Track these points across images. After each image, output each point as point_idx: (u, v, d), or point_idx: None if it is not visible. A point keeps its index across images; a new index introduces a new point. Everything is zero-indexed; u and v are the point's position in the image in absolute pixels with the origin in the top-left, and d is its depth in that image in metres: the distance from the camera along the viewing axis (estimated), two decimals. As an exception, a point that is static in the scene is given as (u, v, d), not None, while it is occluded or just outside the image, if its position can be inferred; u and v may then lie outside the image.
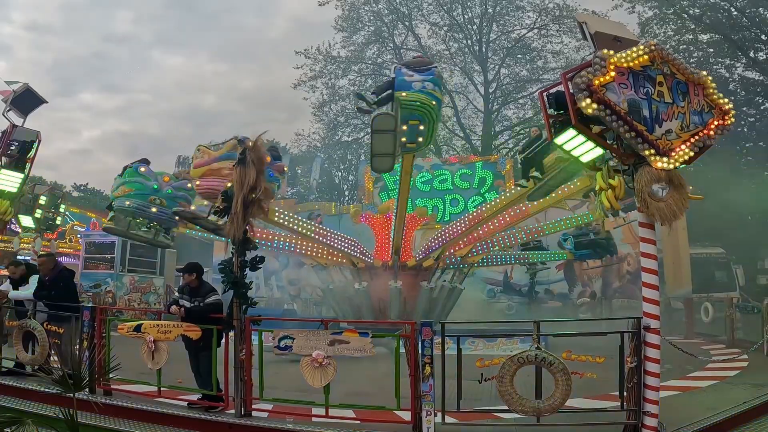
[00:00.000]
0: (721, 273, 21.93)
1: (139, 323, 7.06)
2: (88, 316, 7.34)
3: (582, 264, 23.21)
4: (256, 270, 6.76)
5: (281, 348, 6.32)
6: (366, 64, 37.96)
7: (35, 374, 7.73)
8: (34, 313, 7.91)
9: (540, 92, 6.50)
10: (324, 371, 6.17)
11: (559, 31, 35.10)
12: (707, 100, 6.17)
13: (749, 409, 6.99)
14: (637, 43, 6.17)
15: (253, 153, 6.59)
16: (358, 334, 6.22)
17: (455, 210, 24.75)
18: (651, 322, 5.90)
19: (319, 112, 38.75)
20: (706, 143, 6.07)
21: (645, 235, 6.16)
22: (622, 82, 5.85)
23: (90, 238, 20.92)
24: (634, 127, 5.80)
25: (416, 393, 5.97)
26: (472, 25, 37.12)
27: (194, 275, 7.26)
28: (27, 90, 9.73)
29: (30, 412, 6.52)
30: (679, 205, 5.95)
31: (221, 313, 6.87)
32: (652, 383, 5.82)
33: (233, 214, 6.52)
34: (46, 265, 8.24)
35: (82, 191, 45.24)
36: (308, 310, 22.59)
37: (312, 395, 6.35)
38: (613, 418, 6.05)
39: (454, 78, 38.17)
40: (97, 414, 6.33)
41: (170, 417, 6.55)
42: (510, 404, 5.84)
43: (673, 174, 5.92)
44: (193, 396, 7.01)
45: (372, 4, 36.96)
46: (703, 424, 6.22)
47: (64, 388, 5.47)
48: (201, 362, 6.96)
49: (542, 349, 5.90)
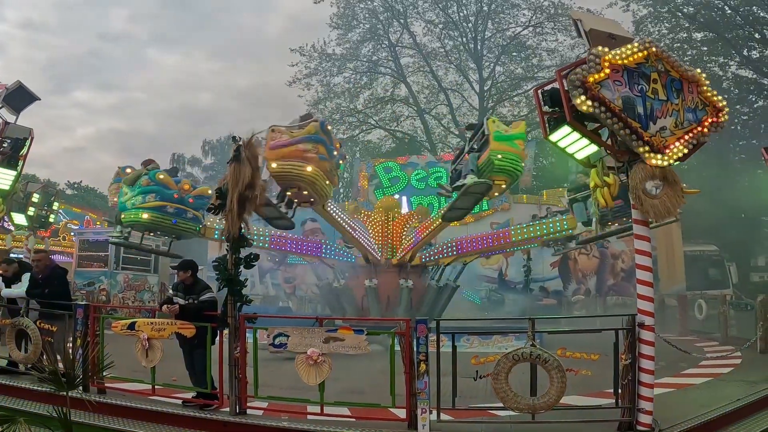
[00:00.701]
0: (714, 270, 22.03)
1: (133, 321, 7.03)
2: (81, 314, 7.30)
3: (576, 262, 23.33)
4: (250, 267, 6.74)
5: (276, 346, 6.31)
6: (361, 62, 37.92)
7: (28, 372, 7.70)
8: (27, 311, 7.86)
9: (535, 89, 6.50)
10: (319, 369, 6.16)
11: (554, 29, 35.28)
12: (701, 97, 6.19)
13: (743, 406, 7.02)
14: (631, 40, 6.18)
15: (248, 150, 6.55)
16: (353, 332, 6.20)
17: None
18: (645, 319, 5.92)
19: (314, 109, 38.65)
20: (700, 140, 6.09)
21: (639, 232, 6.17)
22: (616, 80, 5.86)
23: (83, 235, 20.79)
24: (628, 124, 5.80)
25: (411, 390, 5.96)
26: (467, 22, 37.17)
27: (189, 272, 7.24)
28: (19, 87, 9.67)
29: (23, 411, 6.48)
30: (674, 202, 5.96)
31: (216, 311, 6.85)
32: (646, 380, 5.84)
33: (228, 211, 6.49)
34: (42, 263, 8.20)
35: (75, 189, 45.01)
36: (303, 308, 22.59)
37: (307, 393, 6.33)
38: (607, 415, 6.06)
39: (449, 75, 38.28)
40: (90, 412, 6.29)
41: (165, 415, 6.53)
42: (505, 401, 5.84)
43: (667, 171, 5.94)
44: (188, 394, 6.98)
45: (367, 2, 36.96)
46: (697, 421, 6.23)
47: (57, 387, 5.44)
48: (195, 360, 6.93)
49: (537, 347, 5.90)
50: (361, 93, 38.34)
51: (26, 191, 16.12)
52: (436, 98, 38.62)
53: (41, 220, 16.72)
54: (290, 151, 9.87)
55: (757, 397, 7.34)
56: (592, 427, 5.98)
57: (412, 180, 26.41)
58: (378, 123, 39.03)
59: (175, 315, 6.97)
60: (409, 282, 14.28)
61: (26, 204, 16.05)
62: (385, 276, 14.46)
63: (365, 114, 38.69)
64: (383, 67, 38.62)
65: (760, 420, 6.90)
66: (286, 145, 9.86)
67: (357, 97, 38.28)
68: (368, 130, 39.73)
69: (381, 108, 38.90)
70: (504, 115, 38.23)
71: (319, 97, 38.22)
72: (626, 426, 5.87)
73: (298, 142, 9.88)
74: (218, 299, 7.03)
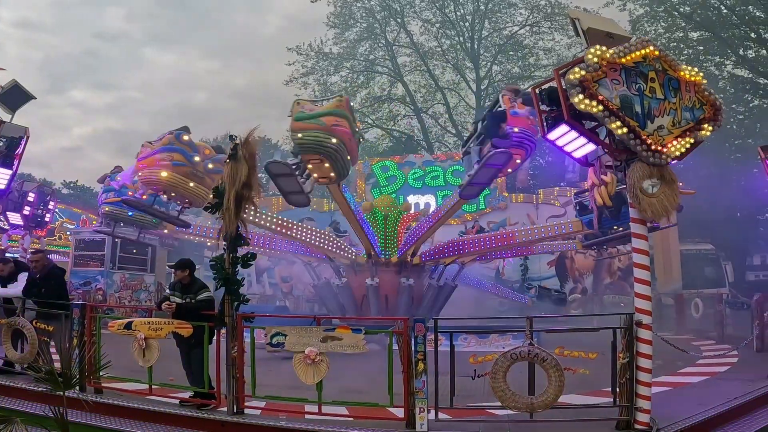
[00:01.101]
0: (710, 269, 22.06)
1: (130, 321, 7.01)
2: (78, 314, 7.27)
3: (573, 261, 23.35)
4: (247, 267, 6.72)
5: (274, 345, 6.29)
6: (358, 61, 37.88)
7: (24, 372, 7.67)
8: (23, 311, 7.83)
9: (533, 88, 6.49)
10: (317, 368, 6.15)
11: (551, 28, 35.25)
12: (698, 97, 6.20)
13: (740, 404, 7.04)
14: (629, 39, 6.18)
15: (245, 148, 6.53)
16: (350, 331, 6.19)
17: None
18: (643, 318, 5.93)
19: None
20: (697, 139, 6.10)
21: (636, 231, 6.18)
22: (614, 78, 5.87)
23: (80, 235, 20.70)
24: (626, 122, 5.81)
25: (409, 390, 5.95)
26: (464, 21, 37.15)
27: (187, 271, 7.20)
28: (15, 86, 9.63)
29: (19, 411, 6.46)
30: (671, 200, 5.98)
31: (213, 310, 6.83)
32: (644, 379, 5.85)
33: (225, 210, 6.47)
34: (40, 263, 8.17)
35: (72, 188, 44.85)
36: (300, 307, 22.56)
37: (305, 392, 6.32)
38: (605, 414, 6.07)
39: (446, 75, 38.24)
40: (87, 412, 6.27)
41: (162, 415, 6.51)
42: (503, 400, 5.84)
43: (664, 170, 5.95)
44: (185, 394, 6.96)
45: (364, 1, 36.88)
46: (695, 419, 6.25)
47: (53, 386, 5.42)
48: (193, 360, 6.91)
49: (535, 346, 5.90)
50: (358, 92, 38.29)
51: (22, 190, 16.08)
52: (433, 97, 38.60)
53: (37, 220, 16.69)
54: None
55: (754, 396, 7.37)
56: (590, 426, 5.98)
57: (409, 179, 26.39)
58: (375, 122, 38.99)
59: (172, 314, 6.95)
60: (410, 280, 14.31)
61: (22, 203, 16.01)
62: (385, 275, 14.44)
63: (362, 113, 38.63)
64: (380, 66, 38.59)
65: (757, 418, 6.92)
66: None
67: (354, 96, 38.21)
68: (365, 129, 39.66)
69: (378, 107, 38.85)
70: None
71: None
72: (624, 424, 5.88)
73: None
74: (215, 298, 7.01)
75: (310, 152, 10.39)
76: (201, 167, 11.23)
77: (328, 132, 10.11)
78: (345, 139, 10.36)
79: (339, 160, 10.54)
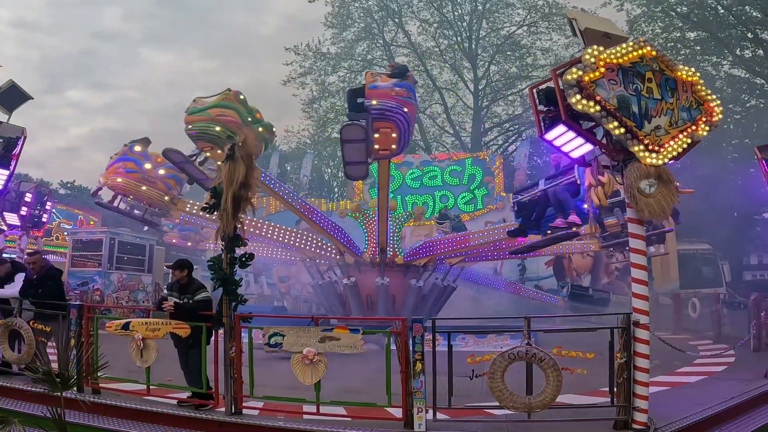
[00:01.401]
0: (707, 269, 22.09)
1: (128, 321, 7.00)
2: (75, 314, 7.26)
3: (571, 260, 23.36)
4: (245, 267, 6.71)
5: (271, 345, 6.29)
6: (356, 61, 37.85)
7: (21, 373, 7.65)
8: (20, 312, 7.82)
9: (530, 88, 6.51)
10: (315, 368, 6.14)
11: (549, 29, 35.25)
12: (695, 97, 6.21)
13: (737, 404, 7.06)
14: (626, 39, 6.20)
15: (243, 149, 6.53)
16: (348, 331, 6.19)
17: (446, 206, 24.77)
18: (640, 318, 5.94)
19: (308, 108, 38.60)
20: (694, 139, 6.12)
21: (634, 231, 6.19)
22: (611, 79, 5.88)
23: (77, 235, 20.65)
24: (623, 123, 5.82)
25: (407, 390, 5.96)
26: (462, 22, 37.14)
27: (185, 271, 7.18)
28: (12, 86, 9.60)
29: (16, 411, 6.45)
30: (668, 200, 5.99)
31: (211, 310, 6.82)
32: (642, 378, 5.87)
33: (222, 210, 6.47)
34: (37, 264, 8.16)
35: (69, 189, 44.73)
36: (298, 307, 22.54)
37: (303, 393, 6.32)
38: (603, 413, 6.08)
39: (443, 75, 38.24)
40: (85, 413, 6.27)
41: (160, 415, 6.51)
42: (501, 400, 5.85)
43: (662, 170, 5.96)
44: (183, 394, 6.95)
45: (362, 1, 36.87)
46: (692, 419, 6.27)
47: (51, 387, 5.41)
48: (191, 360, 6.91)
49: (533, 345, 5.91)
50: (356, 92, 38.27)
51: (19, 191, 16.03)
52: (431, 97, 38.59)
53: (34, 220, 16.64)
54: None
55: (751, 395, 7.39)
56: (587, 426, 5.99)
57: (407, 179, 26.42)
58: (373, 122, 38.95)
59: (169, 314, 6.94)
60: (419, 282, 14.35)
61: (19, 204, 15.97)
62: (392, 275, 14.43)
63: (360, 113, 38.57)
64: (378, 66, 38.56)
65: (754, 418, 6.94)
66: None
67: (352, 96, 38.15)
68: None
69: (376, 107, 38.81)
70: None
71: (313, 96, 38.14)
72: (622, 424, 5.89)
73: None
74: (213, 299, 7.00)
75: (200, 140, 11.91)
76: (152, 173, 13.38)
77: (212, 121, 11.61)
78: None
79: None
